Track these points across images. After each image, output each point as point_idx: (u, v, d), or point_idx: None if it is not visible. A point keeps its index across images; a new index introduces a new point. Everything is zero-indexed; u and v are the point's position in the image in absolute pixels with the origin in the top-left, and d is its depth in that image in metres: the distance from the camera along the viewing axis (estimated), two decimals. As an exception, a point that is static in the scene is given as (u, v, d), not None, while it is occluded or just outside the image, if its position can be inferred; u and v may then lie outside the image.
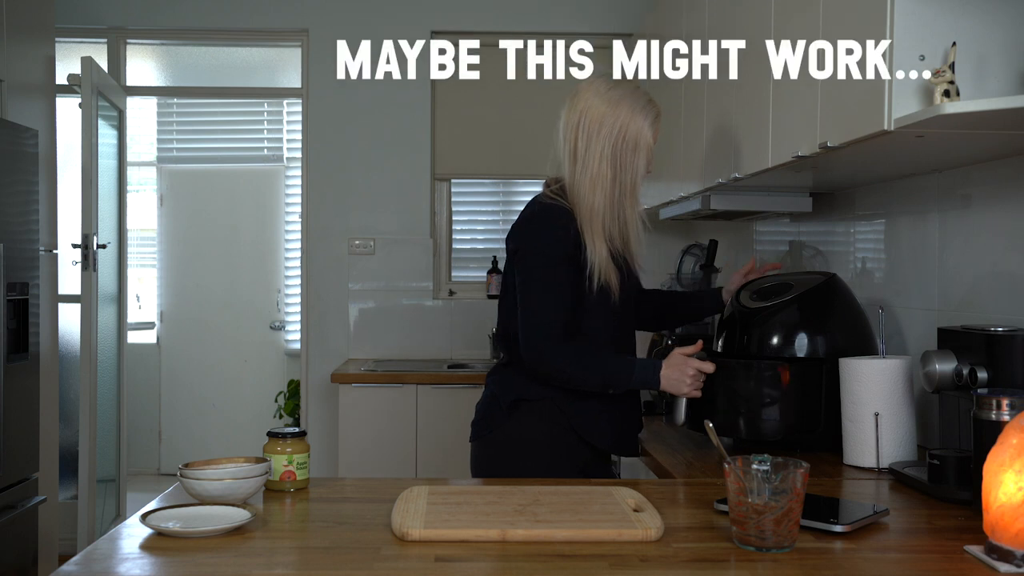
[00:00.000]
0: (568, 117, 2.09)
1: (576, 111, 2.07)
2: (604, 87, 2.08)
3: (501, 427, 2.13)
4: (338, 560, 1.33)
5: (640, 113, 2.06)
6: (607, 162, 2.04)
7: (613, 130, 2.04)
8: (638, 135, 2.06)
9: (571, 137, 2.07)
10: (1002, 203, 1.98)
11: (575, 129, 2.06)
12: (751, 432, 2.13)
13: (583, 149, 2.05)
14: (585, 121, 2.05)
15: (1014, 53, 1.62)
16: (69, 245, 4.13)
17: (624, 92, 2.08)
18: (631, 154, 2.05)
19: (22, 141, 3.27)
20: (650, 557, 1.33)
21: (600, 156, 2.04)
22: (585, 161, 2.05)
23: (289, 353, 5.92)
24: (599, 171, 2.04)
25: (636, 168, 2.07)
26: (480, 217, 4.84)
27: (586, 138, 2.05)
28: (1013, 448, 1.27)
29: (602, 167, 2.04)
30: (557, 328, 2.02)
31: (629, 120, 2.05)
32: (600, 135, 2.04)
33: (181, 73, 5.49)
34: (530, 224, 2.12)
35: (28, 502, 3.21)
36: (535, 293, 2.04)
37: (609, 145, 2.04)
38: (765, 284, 2.31)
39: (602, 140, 2.04)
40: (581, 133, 2.05)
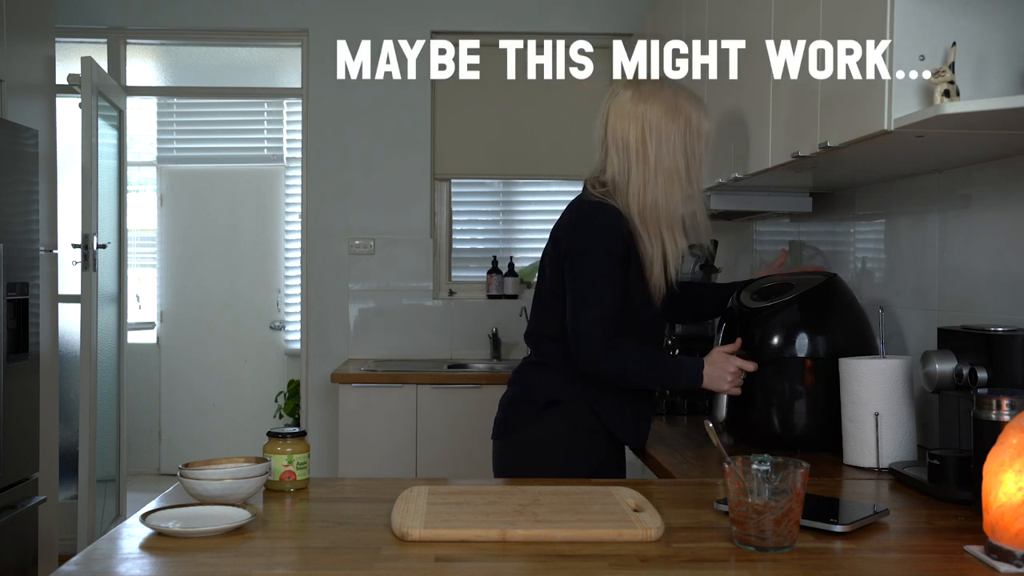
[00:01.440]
0: (619, 124, 2.10)
1: (634, 114, 2.08)
2: (651, 88, 2.11)
3: (528, 427, 2.16)
4: (338, 560, 1.33)
5: (696, 104, 2.12)
6: (681, 155, 2.08)
7: (679, 124, 2.08)
8: (700, 124, 2.11)
9: (637, 138, 2.07)
10: (1002, 203, 1.98)
11: (641, 131, 2.07)
12: (786, 432, 2.15)
13: (655, 147, 2.06)
14: (649, 122, 2.07)
15: (1014, 53, 1.62)
16: (69, 245, 4.13)
17: (675, 88, 2.12)
18: (698, 143, 2.10)
19: (22, 141, 3.27)
20: (650, 557, 1.33)
21: (673, 151, 2.07)
22: (659, 158, 2.06)
23: (289, 353, 5.92)
24: (674, 165, 2.07)
25: (703, 156, 2.12)
26: (480, 217, 4.84)
27: (656, 137, 2.07)
28: (1013, 448, 1.27)
29: (677, 161, 2.07)
30: (612, 327, 2.04)
31: (691, 111, 2.10)
32: (669, 131, 2.07)
33: (181, 73, 5.49)
34: (584, 223, 2.11)
35: (28, 502, 3.21)
36: (591, 291, 2.05)
37: (680, 138, 2.08)
38: (765, 284, 2.31)
39: (672, 135, 2.07)
40: (649, 133, 2.07)
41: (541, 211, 4.84)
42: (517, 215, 4.86)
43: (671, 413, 2.75)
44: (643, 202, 2.06)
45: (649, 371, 2.10)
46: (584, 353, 2.05)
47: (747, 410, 2.18)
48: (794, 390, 2.14)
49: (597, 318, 2.04)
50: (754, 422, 2.18)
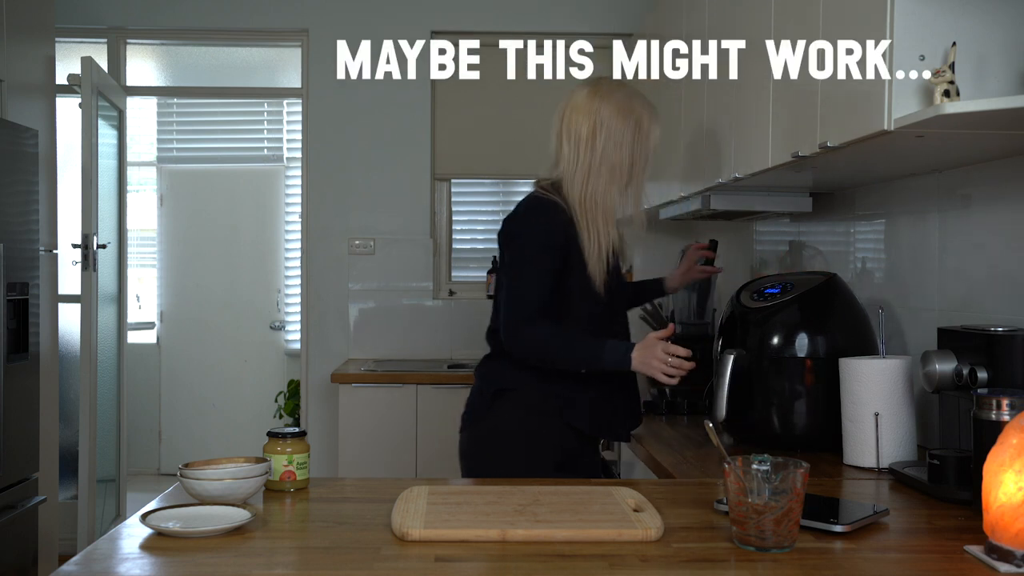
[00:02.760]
0: (574, 117, 2.18)
1: (588, 109, 2.16)
2: (609, 87, 2.19)
3: (484, 418, 2.18)
4: (338, 560, 1.33)
5: (649, 110, 2.21)
6: (627, 153, 2.16)
7: (629, 124, 2.16)
8: (650, 128, 2.20)
9: (587, 131, 2.15)
10: (1002, 203, 1.98)
11: (592, 124, 2.15)
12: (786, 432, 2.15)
13: (602, 141, 2.14)
14: (601, 117, 2.15)
15: (1014, 53, 1.62)
16: (69, 245, 4.13)
17: (629, 91, 2.20)
18: (645, 145, 2.19)
19: (22, 141, 3.27)
20: (650, 557, 1.33)
21: (620, 147, 2.15)
22: (605, 152, 2.14)
23: (289, 353, 5.92)
24: (619, 161, 2.15)
25: (648, 156, 2.21)
26: (480, 217, 4.84)
27: (605, 132, 2.15)
28: (1013, 448, 1.27)
29: (622, 158, 2.15)
30: (534, 309, 2.10)
31: (642, 115, 2.18)
32: (619, 128, 2.15)
33: (181, 73, 5.49)
34: (520, 215, 2.19)
35: (28, 502, 3.21)
36: (518, 276, 2.13)
37: (629, 137, 2.16)
38: (766, 284, 2.31)
39: (621, 133, 2.15)
40: (599, 127, 2.15)
41: (541, 211, 4.83)
42: (516, 215, 4.86)
43: (671, 413, 2.75)
44: (584, 192, 2.14)
45: (568, 351, 2.11)
46: (507, 333, 2.12)
47: (747, 410, 2.18)
48: (794, 390, 2.14)
49: (521, 301, 2.10)
50: (754, 422, 2.18)
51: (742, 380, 2.17)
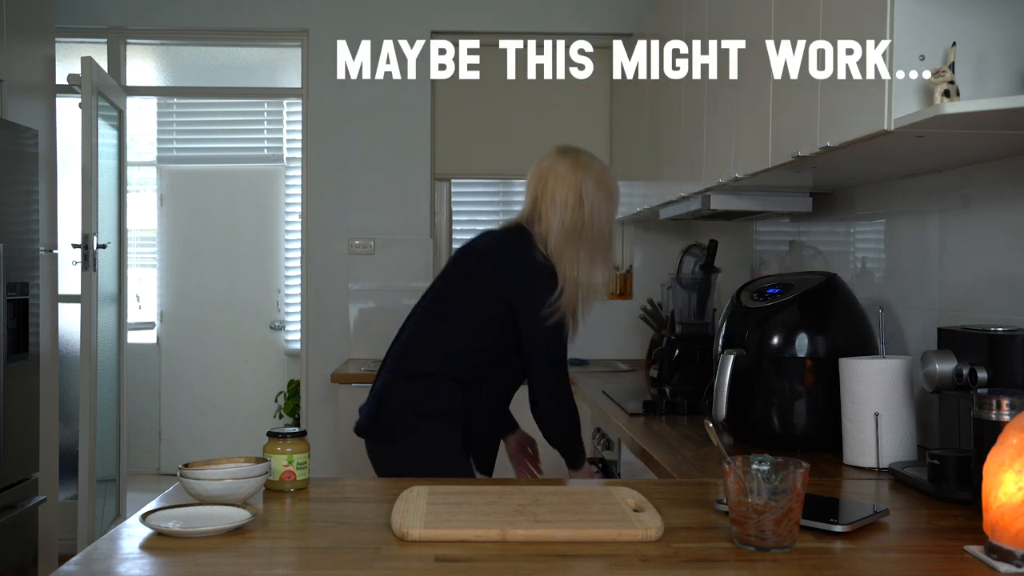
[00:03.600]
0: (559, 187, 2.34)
1: (571, 183, 2.34)
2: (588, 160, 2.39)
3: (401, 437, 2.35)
4: (338, 560, 1.33)
5: (615, 182, 2.44)
6: (606, 223, 2.36)
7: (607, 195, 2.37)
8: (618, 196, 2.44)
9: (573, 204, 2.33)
10: (1002, 203, 1.98)
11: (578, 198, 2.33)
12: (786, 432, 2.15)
13: (588, 214, 2.33)
14: (585, 191, 2.33)
15: (1014, 53, 1.62)
16: (69, 245, 4.13)
17: (603, 164, 2.43)
18: (615, 213, 2.42)
19: (22, 141, 3.27)
20: (650, 557, 1.33)
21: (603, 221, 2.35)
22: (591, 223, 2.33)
23: (289, 353, 5.92)
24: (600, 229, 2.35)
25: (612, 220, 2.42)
26: (480, 217, 4.84)
27: (589, 205, 2.33)
28: (1013, 448, 1.27)
29: (603, 226, 2.35)
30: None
31: (613, 187, 2.41)
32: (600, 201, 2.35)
33: (181, 73, 5.49)
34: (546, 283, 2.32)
35: (28, 502, 3.21)
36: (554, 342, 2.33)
37: (607, 208, 2.36)
38: (765, 284, 2.31)
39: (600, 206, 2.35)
40: (584, 201, 2.33)
41: (541, 211, 4.83)
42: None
43: (671, 413, 2.75)
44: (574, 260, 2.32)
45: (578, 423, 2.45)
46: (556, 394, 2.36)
47: (747, 410, 2.18)
48: (794, 390, 2.14)
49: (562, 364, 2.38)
50: (754, 422, 2.18)
51: (742, 380, 2.17)
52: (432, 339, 2.38)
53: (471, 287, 2.39)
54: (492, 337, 2.33)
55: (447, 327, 2.37)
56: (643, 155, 3.78)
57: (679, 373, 3.47)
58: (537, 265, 2.33)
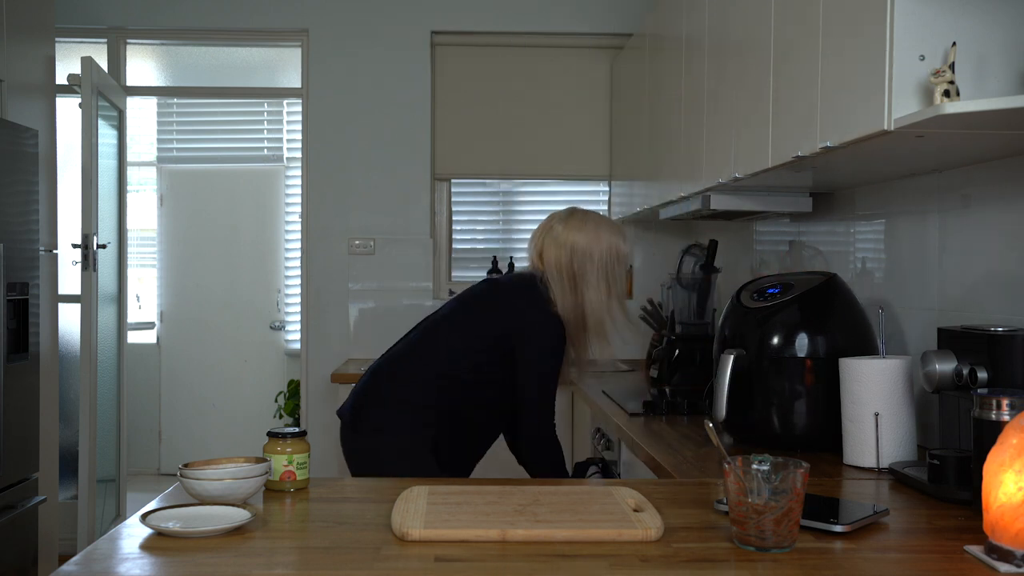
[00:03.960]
0: (553, 251, 2.44)
1: (564, 247, 2.43)
2: (577, 223, 2.46)
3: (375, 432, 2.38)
4: (338, 560, 1.33)
5: (617, 234, 2.48)
6: (604, 281, 2.43)
7: (604, 254, 2.43)
8: (619, 251, 2.47)
9: (567, 270, 2.43)
10: (1002, 203, 1.98)
11: (569, 263, 2.42)
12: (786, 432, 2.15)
13: (582, 276, 2.42)
14: (578, 255, 2.42)
15: (1014, 53, 1.62)
16: (69, 245, 4.13)
17: (598, 221, 2.48)
18: (618, 267, 2.47)
19: (22, 141, 3.27)
20: (650, 557, 1.33)
21: (599, 278, 2.42)
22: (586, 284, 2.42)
23: (289, 353, 5.92)
24: (599, 288, 2.42)
25: (622, 277, 2.49)
26: (480, 217, 4.84)
27: (581, 267, 2.42)
28: (1013, 448, 1.27)
29: (601, 285, 2.43)
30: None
31: (611, 242, 2.45)
32: (594, 261, 2.42)
33: (181, 73, 5.50)
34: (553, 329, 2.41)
35: (28, 502, 3.21)
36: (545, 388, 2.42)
37: (604, 266, 2.43)
38: (765, 284, 2.31)
39: (596, 264, 2.43)
40: (577, 266, 2.42)
41: (541, 211, 4.83)
42: (517, 215, 4.86)
43: (671, 413, 2.75)
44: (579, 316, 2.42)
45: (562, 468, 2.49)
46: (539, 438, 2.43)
47: (747, 410, 2.18)
48: (794, 390, 2.14)
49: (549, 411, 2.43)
50: (754, 422, 2.18)
51: (742, 380, 2.17)
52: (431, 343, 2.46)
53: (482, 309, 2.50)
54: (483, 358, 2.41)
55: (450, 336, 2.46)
56: (643, 155, 3.78)
57: (679, 373, 3.47)
58: (549, 314, 2.41)
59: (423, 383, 2.40)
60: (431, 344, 2.46)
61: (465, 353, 2.42)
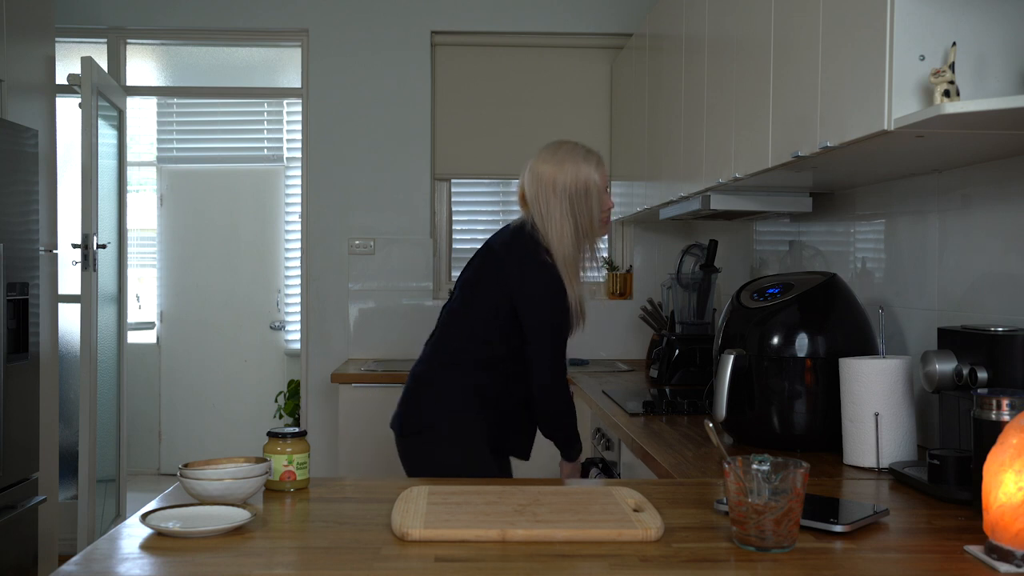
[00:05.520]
0: (526, 188, 2.41)
1: (532, 181, 2.38)
2: (547, 153, 2.40)
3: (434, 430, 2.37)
4: (338, 560, 1.33)
5: (584, 162, 2.37)
6: (568, 214, 2.35)
7: (566, 184, 2.34)
8: (587, 181, 2.36)
9: (533, 202, 2.38)
10: (1002, 203, 1.98)
11: (535, 196, 2.37)
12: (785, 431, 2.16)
13: (545, 209, 2.35)
14: (541, 186, 2.36)
15: (1014, 53, 1.62)
16: (69, 245, 4.13)
17: (566, 150, 2.39)
18: (584, 200, 2.36)
19: (22, 141, 3.27)
20: (650, 557, 1.33)
21: (561, 211, 2.35)
22: (549, 218, 2.35)
23: (289, 353, 5.92)
24: (562, 223, 2.35)
25: (592, 211, 2.38)
26: (480, 217, 4.84)
27: (545, 199, 2.35)
28: (1013, 448, 1.27)
29: (564, 219, 2.35)
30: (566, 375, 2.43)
31: (576, 171, 2.35)
32: (556, 192, 2.35)
33: (181, 73, 5.50)
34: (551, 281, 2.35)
35: (28, 502, 3.21)
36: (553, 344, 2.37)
37: (566, 198, 2.35)
38: (765, 284, 2.31)
39: (558, 196, 2.35)
40: (541, 196, 2.36)
41: (541, 211, 4.83)
42: (517, 215, 4.85)
43: (671, 413, 2.75)
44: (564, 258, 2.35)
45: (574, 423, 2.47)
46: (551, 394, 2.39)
47: (747, 410, 2.18)
48: (794, 390, 2.14)
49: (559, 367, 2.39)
50: (754, 422, 2.18)
51: (742, 380, 2.17)
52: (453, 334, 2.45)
53: (482, 283, 2.44)
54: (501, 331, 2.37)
55: (466, 320, 2.44)
56: (643, 155, 3.78)
57: (679, 373, 3.48)
58: (538, 264, 2.35)
59: (461, 375, 2.38)
60: (455, 335, 2.44)
61: (488, 332, 2.39)
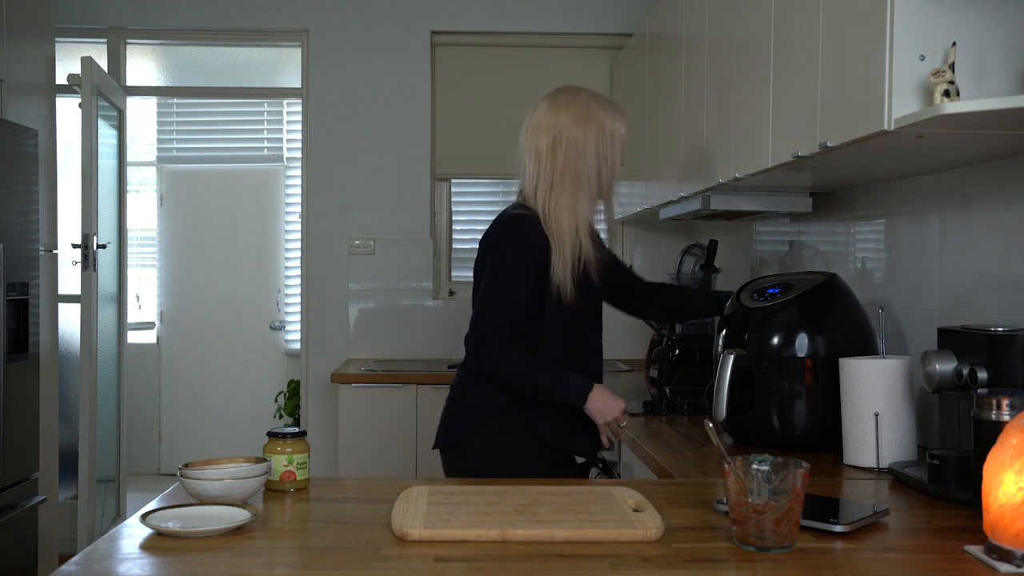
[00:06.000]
0: (535, 134, 2.24)
1: (546, 127, 2.21)
2: (566, 98, 2.23)
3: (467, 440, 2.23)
4: (338, 560, 1.33)
5: (608, 111, 2.22)
6: (592, 160, 2.19)
7: (591, 129, 2.19)
8: (613, 128, 2.21)
9: (546, 148, 2.20)
10: (1002, 203, 1.98)
11: (552, 140, 2.20)
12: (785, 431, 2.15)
13: (563, 153, 2.18)
14: (559, 131, 2.19)
15: (1014, 53, 1.62)
16: (69, 245, 4.13)
17: (587, 97, 2.23)
18: (611, 145, 2.21)
19: (22, 141, 3.27)
20: (650, 557, 1.33)
21: (582, 155, 2.18)
22: (567, 163, 2.18)
23: (289, 353, 5.92)
24: (584, 170, 2.18)
25: (615, 160, 2.23)
26: (480, 217, 4.84)
27: (565, 144, 2.18)
28: (1013, 448, 1.27)
29: (588, 166, 2.18)
30: (505, 326, 2.16)
31: (604, 118, 2.20)
32: (579, 138, 2.18)
33: (181, 73, 5.50)
34: (498, 230, 2.24)
35: (28, 502, 3.21)
36: (496, 291, 2.17)
37: (592, 143, 2.18)
38: (765, 284, 2.31)
39: (582, 141, 2.18)
40: (560, 141, 2.19)
41: (541, 211, 4.83)
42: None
43: (671, 413, 2.75)
44: (547, 205, 2.18)
45: (530, 376, 2.17)
46: (478, 348, 2.18)
47: (747, 410, 2.18)
48: (794, 390, 2.14)
49: (497, 317, 2.16)
50: (754, 422, 2.18)
51: (742, 380, 2.17)
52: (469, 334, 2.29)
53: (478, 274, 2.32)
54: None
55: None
56: (643, 155, 3.78)
57: (679, 373, 3.48)
58: (505, 218, 2.24)
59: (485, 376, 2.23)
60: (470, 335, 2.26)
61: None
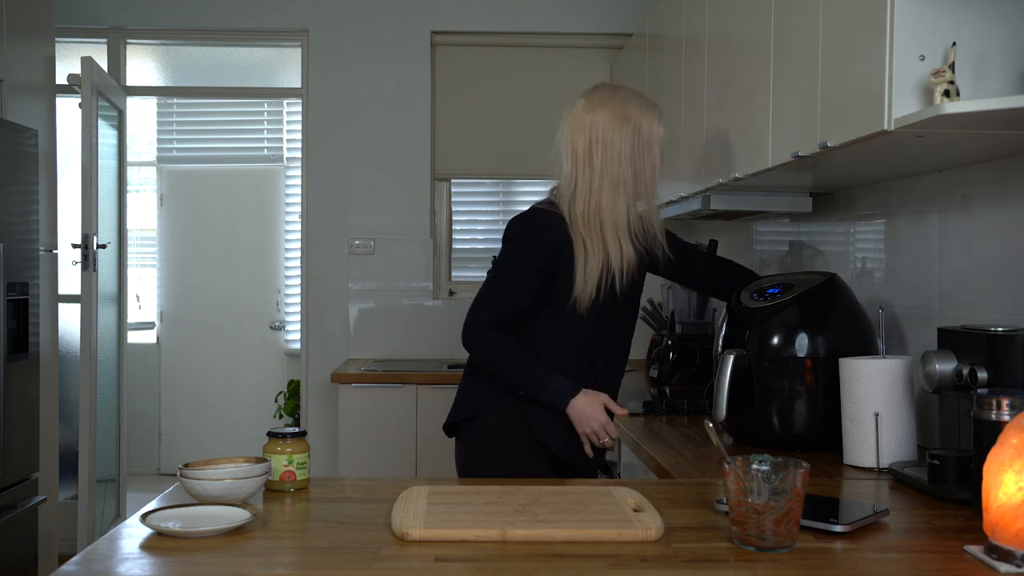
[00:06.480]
0: (571, 133, 2.16)
1: (584, 124, 2.13)
2: (602, 97, 2.16)
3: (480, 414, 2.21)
4: (338, 560, 1.33)
5: (648, 112, 2.14)
6: (628, 163, 2.11)
7: (626, 132, 2.11)
8: (650, 131, 2.13)
9: (584, 147, 2.12)
10: (1002, 203, 1.98)
11: (588, 139, 2.12)
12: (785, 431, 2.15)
13: (600, 155, 2.10)
14: (597, 131, 2.11)
15: (1014, 53, 1.62)
16: (69, 245, 4.13)
17: (624, 96, 2.15)
18: (649, 147, 2.13)
19: (22, 141, 3.27)
20: (650, 557, 1.33)
21: (619, 158, 2.10)
22: (604, 165, 2.10)
23: (289, 353, 5.92)
24: (620, 173, 2.10)
25: (654, 162, 2.15)
26: (480, 217, 4.84)
27: (602, 145, 2.10)
28: (1013, 448, 1.27)
29: (623, 169, 2.10)
30: (499, 316, 2.13)
31: (641, 119, 2.12)
32: (616, 139, 2.10)
33: (181, 73, 5.50)
34: (524, 219, 2.20)
35: (28, 502, 3.21)
36: (496, 280, 2.17)
37: (628, 146, 2.11)
38: (765, 284, 2.31)
39: (619, 143, 2.10)
40: (596, 142, 2.11)
41: (541, 211, 4.83)
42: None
43: (671, 413, 2.75)
44: (587, 209, 2.10)
45: (514, 369, 2.14)
46: (467, 331, 2.17)
47: (747, 410, 2.18)
48: (794, 390, 2.14)
49: (490, 308, 2.14)
50: (754, 422, 2.18)
51: (742, 380, 2.17)
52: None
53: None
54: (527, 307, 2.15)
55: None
56: (643, 155, 3.78)
57: (679, 373, 3.48)
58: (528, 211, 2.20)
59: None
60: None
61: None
